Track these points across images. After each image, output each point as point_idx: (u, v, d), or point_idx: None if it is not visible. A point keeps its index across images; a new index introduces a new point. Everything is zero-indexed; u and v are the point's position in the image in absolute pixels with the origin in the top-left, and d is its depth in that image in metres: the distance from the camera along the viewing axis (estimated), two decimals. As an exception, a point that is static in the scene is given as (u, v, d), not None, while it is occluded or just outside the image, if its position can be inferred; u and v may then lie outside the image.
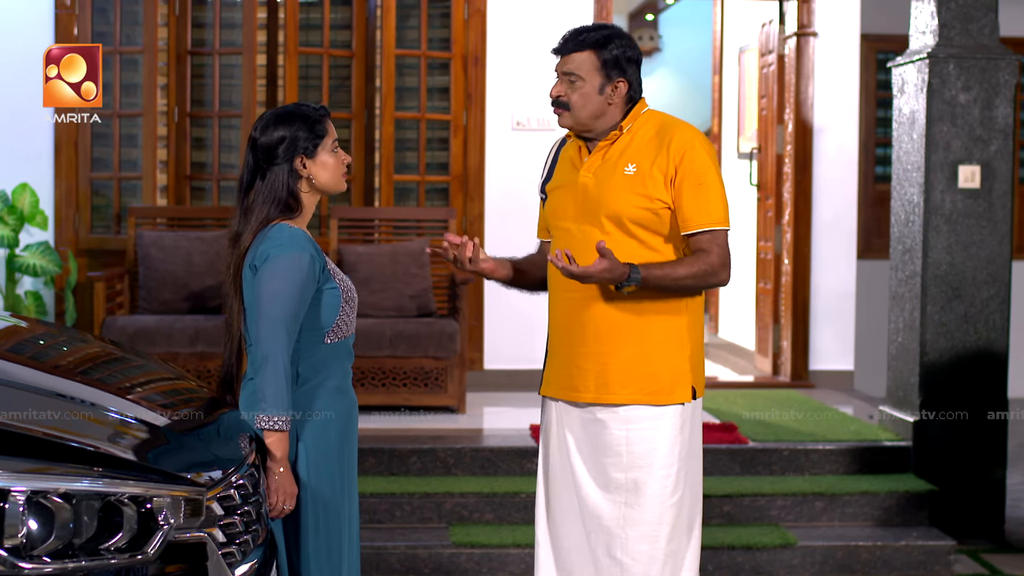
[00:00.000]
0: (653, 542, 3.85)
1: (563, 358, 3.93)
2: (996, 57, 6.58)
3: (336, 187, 3.86)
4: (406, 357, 7.41)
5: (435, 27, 8.48)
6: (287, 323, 3.67)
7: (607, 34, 3.86)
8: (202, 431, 3.65)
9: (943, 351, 6.62)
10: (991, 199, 6.61)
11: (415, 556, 5.99)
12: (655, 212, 3.79)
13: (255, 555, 3.44)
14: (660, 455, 3.85)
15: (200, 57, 8.33)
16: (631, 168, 3.81)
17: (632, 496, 3.85)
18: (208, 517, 3.21)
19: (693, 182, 3.77)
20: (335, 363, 3.84)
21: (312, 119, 3.83)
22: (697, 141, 3.82)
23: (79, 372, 3.95)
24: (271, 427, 3.65)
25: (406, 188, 8.46)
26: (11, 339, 4.11)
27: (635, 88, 3.89)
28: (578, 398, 3.90)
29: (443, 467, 6.54)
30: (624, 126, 3.86)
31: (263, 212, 3.77)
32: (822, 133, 8.66)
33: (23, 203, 8.02)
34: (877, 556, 6.12)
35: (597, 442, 3.89)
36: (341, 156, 3.86)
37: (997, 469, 6.64)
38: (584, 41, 3.84)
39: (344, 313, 3.81)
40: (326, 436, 3.81)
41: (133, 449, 3.26)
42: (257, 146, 3.81)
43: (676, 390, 3.85)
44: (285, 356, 3.66)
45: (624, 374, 3.84)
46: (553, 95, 3.88)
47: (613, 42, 3.84)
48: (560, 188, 3.96)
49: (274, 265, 3.68)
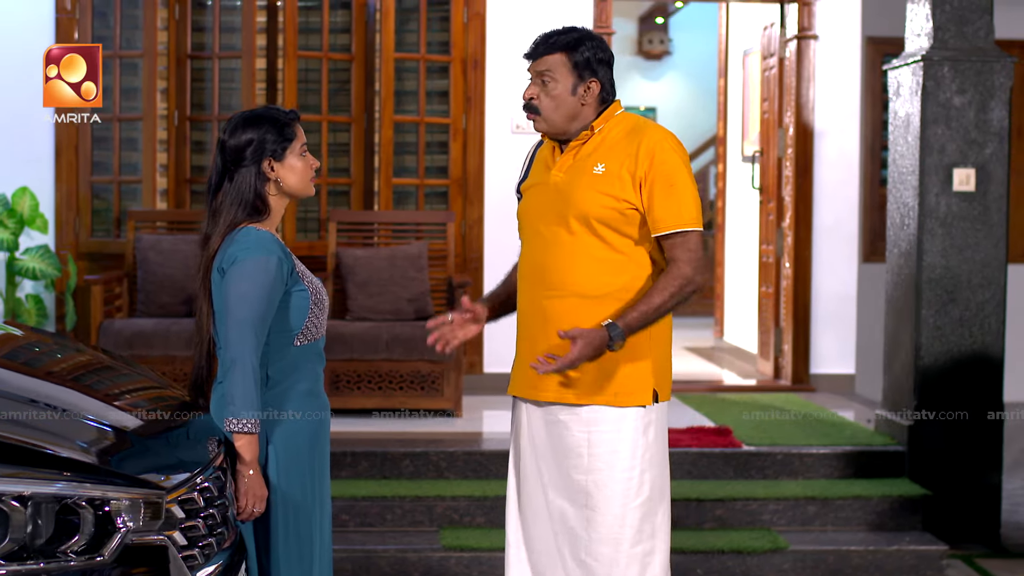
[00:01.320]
0: (616, 545, 3.84)
1: (527, 356, 3.93)
2: (991, 59, 6.55)
3: (303, 191, 3.86)
4: (402, 360, 7.41)
5: (434, 31, 8.49)
6: (255, 326, 3.67)
7: (578, 36, 3.86)
8: (171, 435, 3.66)
9: (938, 355, 6.59)
10: (986, 202, 6.57)
11: (405, 560, 5.99)
12: (621, 212, 3.78)
13: (220, 558, 3.44)
14: (621, 458, 3.83)
15: (200, 61, 8.35)
16: (600, 168, 3.80)
17: (593, 498, 3.84)
18: (168, 520, 3.22)
19: (664, 184, 3.76)
20: (305, 366, 3.84)
21: (281, 122, 3.83)
22: (667, 143, 3.81)
23: (59, 377, 3.96)
24: (240, 430, 3.65)
25: (405, 192, 8.46)
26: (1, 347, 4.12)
27: (607, 89, 3.89)
28: (540, 397, 3.90)
29: (436, 470, 6.53)
30: (596, 126, 3.86)
31: (231, 214, 3.78)
32: (823, 136, 8.63)
33: (23, 207, 8.05)
34: (868, 561, 6.09)
35: (559, 444, 3.89)
36: (310, 160, 3.87)
37: (993, 473, 6.61)
38: (556, 43, 3.84)
39: (313, 315, 3.81)
40: (296, 439, 3.81)
41: (95, 453, 3.27)
42: (225, 148, 3.81)
43: (637, 392, 3.84)
44: (254, 359, 3.66)
45: (585, 374, 3.83)
46: (526, 96, 3.88)
47: (584, 44, 3.84)
48: (533, 187, 3.97)
49: (241, 268, 3.68)
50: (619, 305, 3.80)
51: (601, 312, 3.80)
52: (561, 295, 3.83)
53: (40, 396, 3.62)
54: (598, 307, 3.81)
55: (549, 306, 3.86)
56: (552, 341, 3.84)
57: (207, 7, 8.36)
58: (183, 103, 8.31)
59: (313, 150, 8.32)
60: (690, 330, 11.73)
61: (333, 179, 8.40)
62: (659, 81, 15.65)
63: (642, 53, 15.50)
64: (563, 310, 3.83)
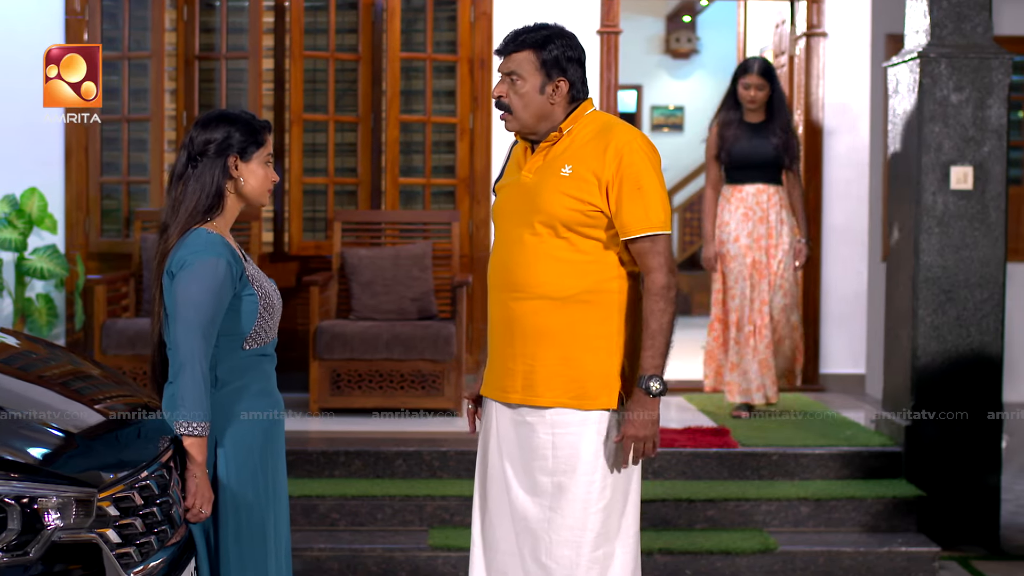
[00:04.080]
0: (576, 548, 3.82)
1: (496, 357, 3.93)
2: (989, 56, 6.47)
3: (259, 198, 3.89)
4: (403, 360, 7.42)
5: (441, 30, 8.49)
6: (204, 328, 3.68)
7: (547, 34, 3.84)
8: (121, 433, 3.67)
9: (935, 354, 6.52)
10: (984, 201, 6.50)
11: (392, 559, 5.99)
12: (586, 215, 3.76)
13: (161, 555, 3.45)
14: (584, 461, 3.82)
15: (208, 62, 8.39)
16: (567, 169, 3.78)
17: (556, 500, 3.82)
18: (100, 518, 3.23)
19: (631, 186, 3.73)
20: (256, 367, 3.86)
21: (253, 126, 3.87)
22: (635, 144, 3.77)
23: (24, 378, 3.98)
24: (189, 432, 3.67)
25: (412, 191, 8.47)
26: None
27: (577, 88, 3.85)
28: (507, 399, 3.89)
29: (428, 470, 6.53)
30: (564, 127, 3.83)
31: (191, 203, 3.79)
32: (833, 134, 8.56)
33: (31, 207, 8.12)
34: (860, 562, 6.04)
35: (525, 445, 3.87)
36: (271, 172, 3.89)
37: (991, 474, 6.53)
38: (524, 41, 3.83)
39: (263, 320, 3.82)
40: (247, 440, 3.82)
41: (30, 453, 3.28)
42: (194, 141, 3.84)
43: (602, 396, 3.82)
44: (203, 361, 3.68)
45: (550, 377, 3.82)
46: (495, 95, 3.87)
47: (553, 42, 3.82)
48: (505, 187, 3.95)
49: (190, 271, 3.70)
50: (585, 307, 3.79)
51: (566, 314, 3.79)
52: (526, 297, 3.82)
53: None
54: (563, 309, 3.79)
55: (515, 307, 3.84)
56: (519, 343, 3.83)
57: (215, 8, 8.40)
58: (191, 104, 8.35)
59: (320, 150, 8.37)
60: (704, 330, 11.64)
61: (340, 179, 8.42)
62: (687, 80, 15.60)
63: (670, 52, 15.46)
64: (528, 312, 3.82)
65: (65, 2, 8.33)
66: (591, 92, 8.37)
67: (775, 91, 7.33)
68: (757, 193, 7.31)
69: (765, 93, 7.28)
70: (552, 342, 3.81)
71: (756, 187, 7.31)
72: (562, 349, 3.81)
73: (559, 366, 3.81)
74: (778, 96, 7.35)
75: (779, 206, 7.33)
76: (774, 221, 7.32)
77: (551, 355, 3.81)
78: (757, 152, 7.29)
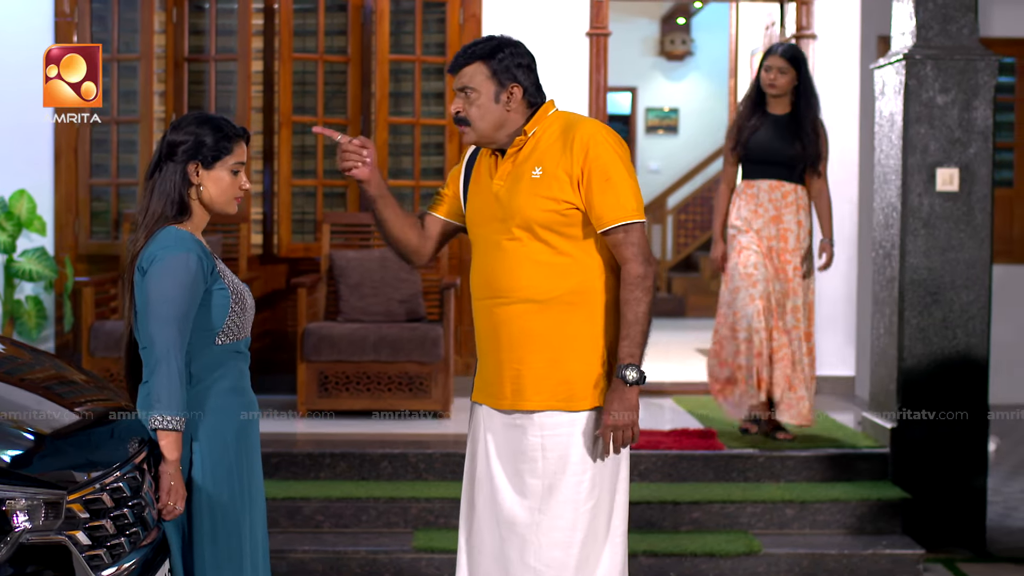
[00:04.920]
0: (566, 548, 3.83)
1: (484, 364, 3.95)
2: (975, 58, 6.47)
3: (223, 207, 3.88)
4: (390, 362, 7.42)
5: (430, 32, 8.49)
6: (179, 323, 3.68)
7: (495, 44, 3.86)
8: (94, 435, 3.67)
9: (920, 356, 6.52)
10: (970, 202, 6.50)
11: (376, 561, 5.99)
12: (562, 214, 3.77)
13: (131, 558, 3.45)
14: (573, 461, 3.82)
15: (197, 63, 8.39)
16: (537, 172, 3.80)
17: (546, 502, 3.83)
18: (69, 520, 3.23)
19: (600, 178, 3.75)
20: (229, 364, 3.85)
21: (224, 133, 3.85)
22: (600, 136, 3.79)
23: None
24: (164, 427, 3.66)
25: (401, 193, 8.46)
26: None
27: (531, 92, 3.87)
28: (498, 405, 3.90)
29: (414, 472, 6.53)
30: (528, 130, 3.84)
31: (157, 207, 3.80)
32: (822, 136, 8.54)
33: (20, 209, 8.12)
34: (844, 564, 6.03)
35: (516, 448, 3.88)
36: (240, 180, 3.87)
37: (977, 476, 6.52)
38: (473, 54, 3.84)
39: (234, 315, 3.82)
40: (221, 437, 3.81)
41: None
42: (165, 140, 3.85)
43: (589, 396, 3.83)
44: (178, 356, 3.68)
45: (538, 381, 3.83)
46: (453, 111, 3.88)
47: (502, 51, 3.84)
48: (477, 196, 3.96)
49: (161, 266, 3.70)
50: (568, 308, 3.80)
51: (551, 316, 3.80)
52: (510, 301, 3.83)
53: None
54: (547, 311, 3.80)
55: (500, 313, 3.85)
56: (505, 348, 3.84)
57: (204, 10, 8.40)
58: (180, 106, 8.35)
59: (309, 152, 8.37)
60: (702, 332, 11.65)
61: (330, 181, 8.42)
62: (682, 82, 15.61)
63: (664, 54, 15.46)
64: (513, 316, 3.83)
65: (55, 4, 8.33)
66: (581, 94, 8.45)
67: (803, 80, 6.71)
68: (771, 189, 6.70)
69: (788, 79, 6.67)
70: (538, 345, 3.82)
71: (770, 183, 6.70)
72: (549, 352, 3.82)
73: (547, 369, 3.82)
74: (806, 86, 6.72)
75: (796, 207, 6.69)
76: (789, 223, 6.68)
77: (538, 358, 3.83)
78: (776, 148, 6.69)
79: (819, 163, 6.72)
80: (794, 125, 6.69)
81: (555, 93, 8.18)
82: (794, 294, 6.66)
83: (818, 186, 6.76)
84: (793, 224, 6.67)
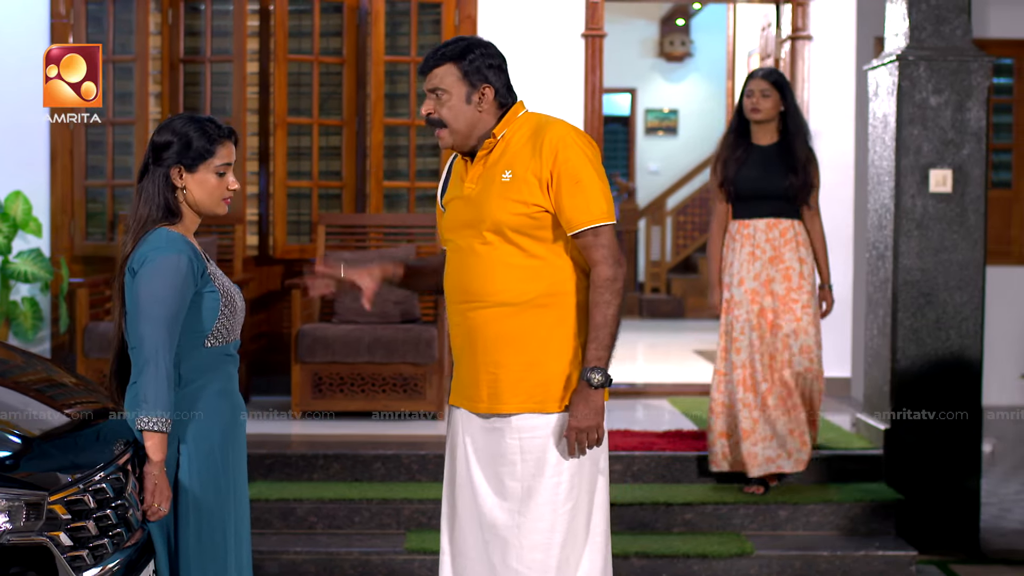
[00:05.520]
0: (547, 550, 3.82)
1: (460, 368, 3.94)
2: (968, 59, 6.47)
3: (211, 209, 3.87)
4: (384, 363, 7.42)
5: (426, 33, 8.49)
6: (168, 324, 3.68)
7: (465, 45, 3.85)
8: (80, 436, 3.69)
9: (914, 358, 6.52)
10: (963, 204, 6.50)
11: (368, 562, 5.99)
12: (532, 217, 3.76)
13: (115, 559, 3.46)
14: (550, 463, 3.82)
15: (193, 65, 8.40)
16: (507, 175, 3.79)
17: (525, 505, 3.82)
18: (50, 521, 3.23)
19: (570, 181, 3.74)
20: (218, 367, 3.85)
21: (209, 135, 3.84)
22: (570, 138, 3.78)
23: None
24: (151, 428, 3.66)
25: (397, 195, 8.47)
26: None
27: (503, 93, 3.86)
28: (475, 408, 3.89)
29: (407, 473, 6.53)
30: (497, 132, 3.84)
31: (144, 211, 3.81)
32: (818, 137, 8.49)
33: (15, 210, 8.13)
34: (836, 566, 6.03)
35: (494, 451, 3.87)
36: (227, 181, 3.87)
37: (970, 478, 6.52)
38: (444, 55, 3.84)
39: (224, 317, 3.82)
40: (208, 439, 3.81)
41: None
42: (151, 142, 3.85)
43: (565, 398, 3.82)
44: (167, 358, 3.68)
45: (514, 384, 3.82)
46: (424, 112, 3.88)
47: (473, 51, 3.83)
48: (452, 201, 3.96)
49: (152, 267, 3.70)
50: (542, 311, 3.79)
51: (525, 319, 3.79)
52: (484, 305, 3.82)
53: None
54: (521, 314, 3.79)
55: (474, 317, 3.84)
56: (480, 352, 3.84)
57: (200, 11, 8.40)
58: (176, 107, 8.35)
59: (304, 153, 8.37)
60: (700, 333, 11.68)
61: (325, 182, 8.42)
62: (681, 83, 15.61)
63: (664, 55, 15.46)
64: (487, 320, 3.82)
65: (50, 5, 8.34)
66: (577, 96, 8.45)
67: (788, 105, 6.24)
68: (767, 228, 6.21)
69: (772, 103, 6.18)
70: (513, 348, 3.81)
71: (766, 221, 6.21)
72: (524, 355, 3.81)
73: (522, 372, 3.81)
74: (792, 112, 6.25)
75: (796, 243, 6.21)
76: (791, 261, 6.20)
77: (513, 361, 3.82)
78: (767, 182, 6.20)
79: (811, 195, 6.25)
80: (783, 155, 6.21)
81: (550, 94, 8.30)
82: (804, 333, 6.18)
83: (810, 220, 6.28)
84: (795, 262, 6.19)
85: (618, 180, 15.39)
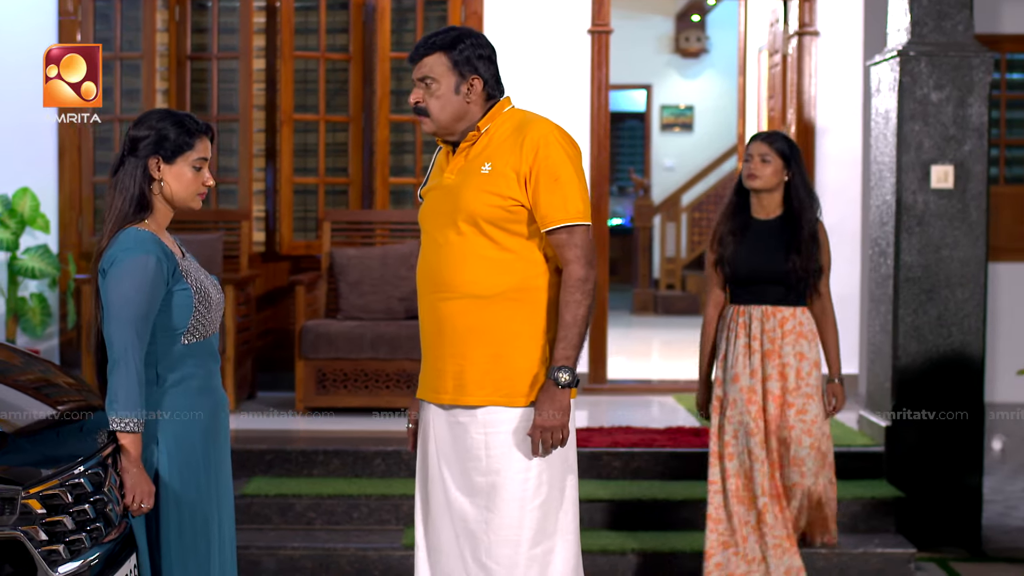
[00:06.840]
0: (515, 546, 3.81)
1: (427, 360, 3.93)
2: (970, 55, 6.43)
3: (186, 202, 3.88)
4: (387, 359, 7.44)
5: (431, 29, 8.47)
6: (136, 325, 3.69)
7: (456, 35, 3.85)
8: (61, 431, 3.69)
9: (915, 354, 6.49)
10: (965, 200, 6.46)
11: (365, 558, 6.00)
12: (507, 210, 3.76)
13: (93, 553, 3.46)
14: (517, 458, 3.81)
15: (200, 62, 8.42)
16: (487, 167, 3.79)
17: (492, 500, 3.81)
18: (25, 515, 3.25)
19: (548, 178, 3.74)
20: (196, 363, 3.85)
21: (186, 129, 3.86)
22: (552, 137, 3.78)
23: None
24: (122, 429, 3.67)
25: (402, 191, 8.48)
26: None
27: (491, 85, 3.87)
28: (439, 399, 3.88)
29: (407, 469, 6.53)
30: (482, 126, 3.84)
31: (117, 203, 3.82)
32: (825, 133, 8.53)
33: (24, 207, 8.17)
34: (833, 563, 6.01)
35: (460, 446, 3.87)
36: (203, 176, 3.88)
37: (972, 475, 6.49)
38: (434, 44, 3.83)
39: (199, 314, 3.82)
40: (188, 436, 3.82)
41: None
42: (128, 134, 3.87)
43: (532, 392, 3.81)
44: (136, 358, 3.68)
45: (480, 375, 3.81)
46: (412, 101, 3.88)
47: (463, 41, 3.83)
48: (431, 192, 3.96)
49: (120, 268, 3.71)
50: (512, 304, 3.79)
51: (494, 312, 3.78)
52: (454, 296, 3.82)
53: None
54: (491, 307, 3.79)
55: (444, 308, 3.84)
56: (448, 343, 3.83)
57: (207, 9, 8.43)
58: (183, 104, 8.38)
59: (311, 150, 8.39)
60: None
61: (331, 179, 8.44)
62: (697, 79, 15.57)
63: (679, 51, 15.42)
64: (457, 311, 3.82)
65: (58, 3, 8.38)
66: (583, 92, 8.44)
67: (796, 174, 5.30)
68: (764, 317, 5.30)
69: (773, 171, 5.25)
70: (481, 341, 3.81)
71: (763, 309, 5.30)
72: (491, 347, 3.81)
73: (489, 364, 3.80)
74: (800, 182, 5.31)
75: (796, 336, 5.29)
76: (788, 357, 5.28)
77: (480, 354, 3.81)
78: (763, 264, 5.29)
79: (820, 280, 5.35)
80: (786, 232, 5.29)
81: (556, 90, 8.29)
82: (797, 444, 5.28)
83: (820, 308, 5.38)
84: (792, 358, 5.28)
85: (633, 176, 15.37)
